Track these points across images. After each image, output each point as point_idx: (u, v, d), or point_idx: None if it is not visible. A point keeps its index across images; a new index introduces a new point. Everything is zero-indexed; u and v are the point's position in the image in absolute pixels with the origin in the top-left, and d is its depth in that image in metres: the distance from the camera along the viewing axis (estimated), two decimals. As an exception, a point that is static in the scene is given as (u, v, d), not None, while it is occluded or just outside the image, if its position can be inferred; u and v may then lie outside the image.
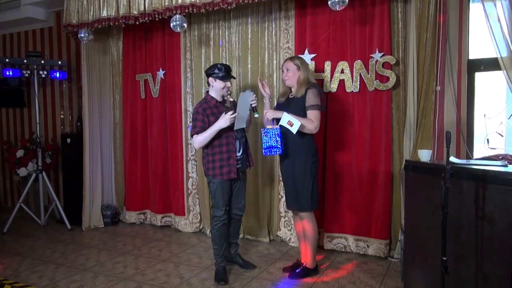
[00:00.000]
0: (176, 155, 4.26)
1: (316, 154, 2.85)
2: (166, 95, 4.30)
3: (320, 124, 2.76)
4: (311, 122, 2.72)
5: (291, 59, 2.89)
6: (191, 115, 3.27)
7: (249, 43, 3.82)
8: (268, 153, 2.75)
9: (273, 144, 2.70)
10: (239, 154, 2.95)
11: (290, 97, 2.88)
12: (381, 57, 3.26)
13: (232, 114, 2.78)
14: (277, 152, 2.72)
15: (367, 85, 3.34)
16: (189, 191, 4.21)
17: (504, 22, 2.58)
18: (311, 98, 2.73)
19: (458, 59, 3.07)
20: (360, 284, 2.84)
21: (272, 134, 2.71)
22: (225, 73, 2.90)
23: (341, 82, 3.44)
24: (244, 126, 2.89)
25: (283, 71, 2.85)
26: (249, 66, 3.86)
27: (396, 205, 3.31)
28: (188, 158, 4.20)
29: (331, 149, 3.50)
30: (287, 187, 2.89)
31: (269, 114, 2.76)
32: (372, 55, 3.31)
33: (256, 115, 2.85)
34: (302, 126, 2.68)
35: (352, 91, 3.41)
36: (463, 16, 3.06)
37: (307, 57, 3.53)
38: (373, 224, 3.36)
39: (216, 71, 2.90)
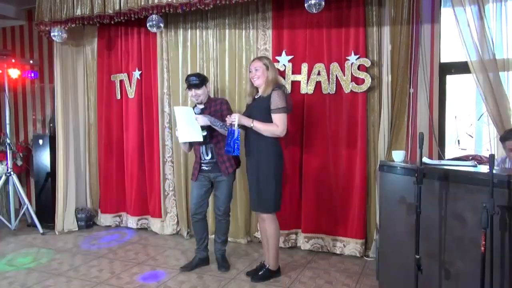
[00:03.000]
0: (152, 157, 4.21)
1: (280, 155, 2.82)
2: (143, 96, 4.25)
3: (286, 126, 2.73)
4: (276, 127, 2.70)
5: (260, 58, 2.87)
6: None
7: (226, 44, 3.81)
8: (227, 153, 2.77)
9: (231, 145, 2.69)
10: (207, 158, 3.04)
11: (256, 97, 2.88)
12: (356, 59, 3.31)
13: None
14: (231, 153, 2.72)
15: (343, 87, 3.38)
16: (166, 193, 4.16)
17: (474, 27, 2.66)
18: (277, 100, 2.69)
19: (431, 62, 3.14)
20: (336, 283, 2.86)
21: (232, 135, 2.70)
22: (186, 83, 3.05)
23: (318, 84, 3.47)
24: (190, 140, 2.94)
25: (250, 71, 2.83)
26: (226, 67, 3.85)
27: (371, 205, 3.36)
28: (165, 160, 4.16)
29: (308, 150, 3.52)
30: (251, 188, 2.87)
31: (237, 119, 2.69)
32: (348, 58, 3.34)
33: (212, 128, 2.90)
34: (267, 132, 2.69)
35: (329, 92, 3.44)
36: (435, 21, 3.14)
37: (285, 58, 3.55)
38: (349, 224, 3.39)
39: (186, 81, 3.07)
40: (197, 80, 3.01)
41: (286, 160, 3.28)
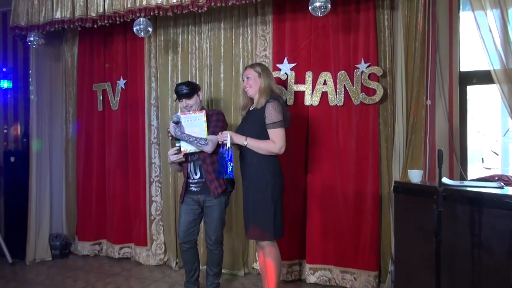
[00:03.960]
0: (138, 176, 4.19)
1: (279, 175, 2.80)
2: (128, 107, 4.26)
3: (285, 142, 2.72)
4: (272, 144, 2.70)
5: (252, 66, 2.91)
6: None
7: (222, 50, 3.84)
8: (219, 175, 2.80)
9: (223, 167, 2.70)
10: (195, 177, 3.03)
11: (251, 109, 2.89)
12: (367, 67, 3.32)
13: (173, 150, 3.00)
14: (224, 176, 2.72)
15: (352, 98, 3.38)
16: (152, 218, 4.13)
17: (496, 33, 2.66)
18: (272, 113, 2.69)
19: (449, 71, 3.14)
20: (346, 322, 2.79)
21: (224, 157, 2.70)
22: (176, 93, 3.09)
23: (324, 95, 3.48)
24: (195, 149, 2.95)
25: (243, 80, 2.87)
26: (222, 75, 3.86)
27: (386, 232, 3.32)
28: (152, 180, 4.14)
29: (313, 169, 3.51)
30: (247, 212, 2.84)
31: (229, 138, 2.69)
32: (357, 66, 3.36)
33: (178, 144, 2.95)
34: (263, 150, 2.70)
35: (336, 104, 3.44)
36: (453, 26, 3.14)
37: (287, 66, 3.57)
38: (360, 254, 3.35)
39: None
40: (187, 89, 3.02)
41: (288, 180, 3.25)
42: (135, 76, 4.20)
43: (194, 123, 2.95)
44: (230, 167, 2.67)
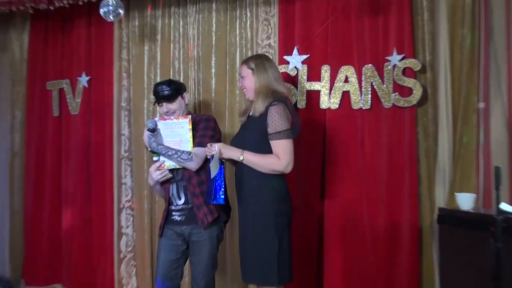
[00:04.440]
0: (103, 202, 4.16)
1: (285, 200, 2.77)
2: (91, 112, 4.24)
3: (293, 157, 2.68)
4: (277, 160, 2.66)
5: (245, 61, 2.91)
6: None
7: (214, 38, 3.82)
8: (207, 201, 2.80)
9: (211, 191, 2.71)
10: (179, 202, 2.99)
11: (250, 114, 2.90)
12: (400, 60, 3.29)
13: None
14: (213, 201, 2.73)
15: (382, 100, 3.35)
16: (122, 256, 4.10)
17: None
18: (276, 120, 2.65)
19: (508, 65, 3.09)
20: None
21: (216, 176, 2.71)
22: (154, 95, 3.09)
23: (345, 96, 3.45)
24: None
25: (238, 80, 2.91)
26: (213, 70, 3.84)
27: (428, 275, 3.26)
28: (122, 206, 4.12)
29: (331, 192, 3.46)
30: (244, 248, 2.80)
31: (218, 151, 2.70)
32: (388, 58, 3.33)
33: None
34: (265, 168, 2.69)
35: (361, 108, 3.41)
36: (511, 8, 3.10)
37: (297, 59, 3.55)
38: (394, 301, 3.30)
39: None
40: (169, 90, 3.00)
41: (299, 207, 3.24)
42: (101, 71, 4.18)
43: (176, 132, 2.91)
44: (221, 190, 2.64)
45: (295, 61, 3.55)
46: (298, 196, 3.36)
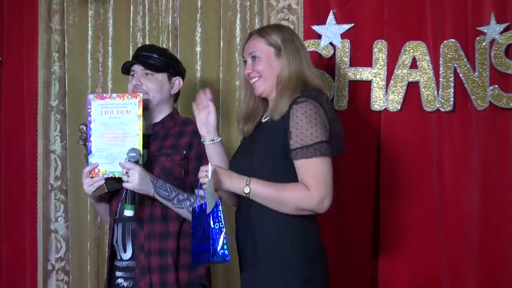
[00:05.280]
0: (20, 260, 3.52)
1: (319, 257, 2.25)
2: (0, 115, 3.57)
3: (332, 188, 2.10)
4: (305, 192, 2.11)
5: (262, 33, 2.36)
6: None
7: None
8: (196, 263, 2.25)
9: (213, 240, 2.18)
10: (124, 256, 2.42)
11: (263, 121, 2.36)
12: (502, 32, 2.68)
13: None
14: (212, 258, 2.13)
15: (473, 97, 2.73)
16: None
17: None
18: (304, 128, 2.12)
19: None
20: None
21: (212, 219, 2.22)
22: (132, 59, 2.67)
23: (412, 89, 2.82)
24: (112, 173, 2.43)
25: (244, 61, 2.38)
26: (198, 48, 3.21)
27: None
28: (51, 267, 3.44)
29: (390, 242, 2.86)
30: None
31: (212, 177, 2.19)
32: (482, 29, 2.72)
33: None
34: (284, 206, 2.17)
35: (438, 109, 2.78)
36: None
37: (333, 30, 2.91)
38: None
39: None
40: (157, 58, 2.51)
41: (339, 268, 2.74)
42: (18, 49, 3.50)
43: (118, 119, 2.40)
44: (223, 240, 2.09)
45: (331, 34, 2.90)
46: (338, 251, 2.78)
